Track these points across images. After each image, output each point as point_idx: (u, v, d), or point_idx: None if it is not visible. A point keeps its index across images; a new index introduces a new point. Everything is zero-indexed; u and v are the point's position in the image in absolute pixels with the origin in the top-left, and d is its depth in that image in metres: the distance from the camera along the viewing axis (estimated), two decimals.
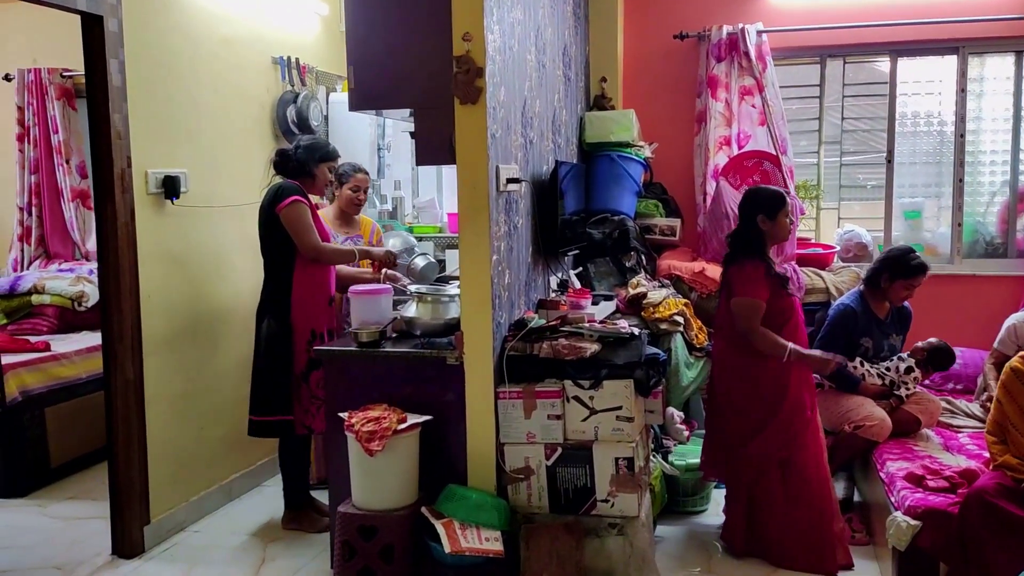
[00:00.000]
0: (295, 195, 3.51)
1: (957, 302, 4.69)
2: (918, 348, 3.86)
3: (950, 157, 4.90)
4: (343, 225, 4.15)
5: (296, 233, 3.50)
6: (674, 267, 4.58)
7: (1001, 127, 4.79)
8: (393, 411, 3.06)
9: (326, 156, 3.72)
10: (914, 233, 5.03)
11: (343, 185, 4.10)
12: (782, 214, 3.39)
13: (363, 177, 4.12)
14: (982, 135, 4.83)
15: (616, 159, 4.65)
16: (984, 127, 4.83)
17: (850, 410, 3.69)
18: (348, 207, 4.13)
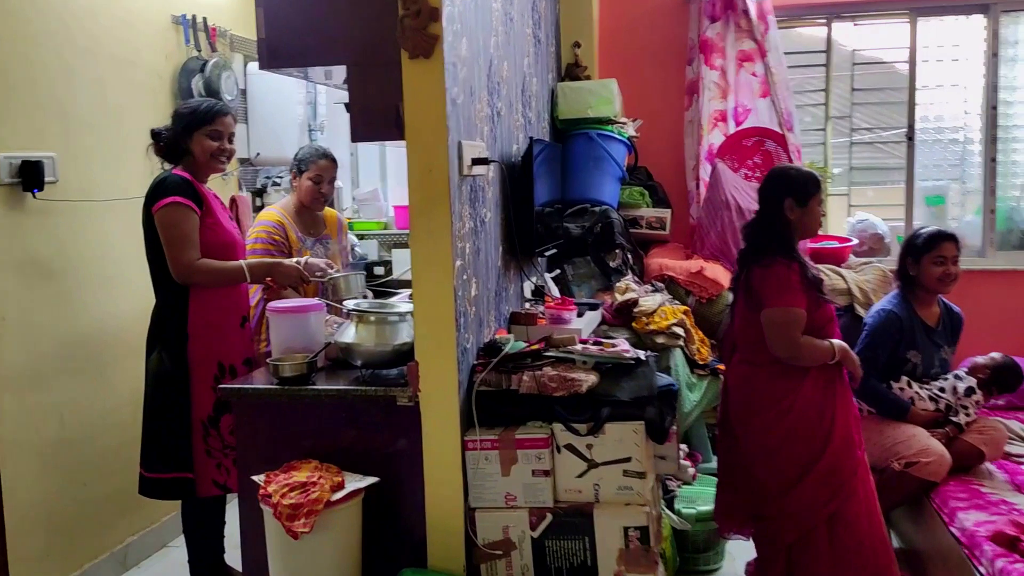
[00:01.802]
0: (174, 195, 2.76)
1: (991, 301, 4.14)
2: (979, 365, 3.28)
3: (978, 133, 4.34)
4: (305, 224, 3.40)
5: (166, 244, 2.76)
6: (666, 267, 3.94)
7: None
8: (326, 472, 2.35)
9: (197, 121, 2.87)
10: (937, 222, 4.45)
11: (302, 174, 3.36)
12: (815, 200, 2.79)
13: (326, 164, 3.37)
14: (1016, 107, 4.28)
15: (595, 139, 3.99)
16: (1018, 97, 4.28)
17: (899, 442, 3.09)
18: (310, 201, 3.39)
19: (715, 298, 3.87)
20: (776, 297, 2.68)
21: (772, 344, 2.68)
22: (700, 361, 3.62)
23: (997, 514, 2.68)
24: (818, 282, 2.76)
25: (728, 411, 2.91)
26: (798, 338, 2.66)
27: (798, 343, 2.66)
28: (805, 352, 2.67)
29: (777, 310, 2.67)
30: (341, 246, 3.57)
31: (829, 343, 2.70)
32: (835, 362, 2.69)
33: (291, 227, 3.34)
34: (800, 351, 2.66)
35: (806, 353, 2.67)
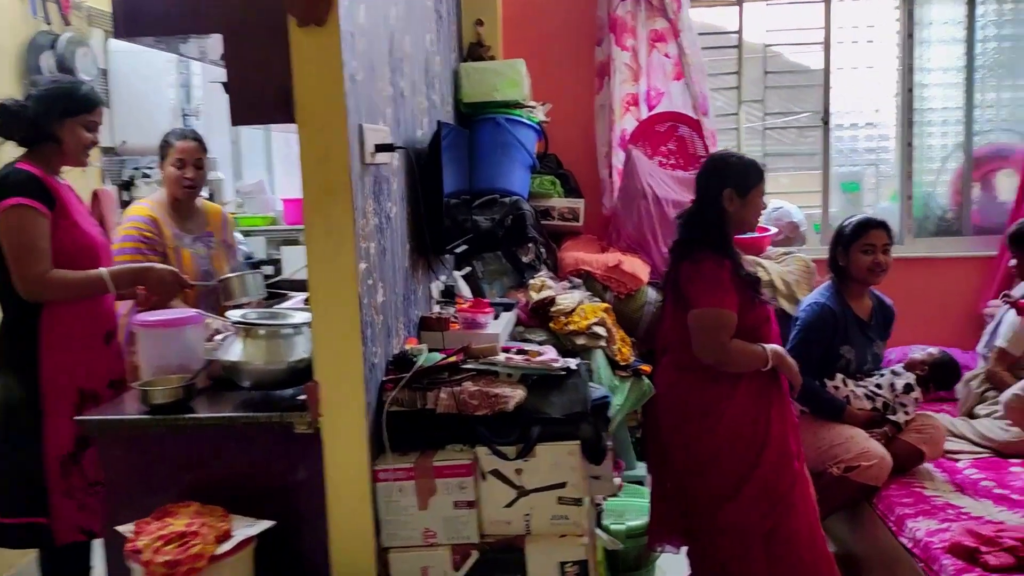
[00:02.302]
0: (17, 195, 2.33)
1: (910, 290, 4.07)
2: (916, 360, 3.18)
3: (894, 117, 4.29)
4: (181, 219, 2.98)
5: (9, 255, 2.35)
6: (582, 261, 3.71)
7: (952, 80, 4.21)
8: (209, 518, 1.99)
9: (74, 107, 2.48)
10: (853, 208, 4.41)
11: (164, 160, 2.94)
12: (757, 192, 2.60)
13: (188, 145, 2.94)
14: (931, 89, 4.25)
15: (503, 124, 3.71)
16: (933, 80, 4.24)
17: (836, 445, 2.95)
18: (177, 190, 2.97)
19: (634, 293, 3.67)
20: (704, 296, 2.47)
21: (698, 348, 2.48)
22: (622, 362, 3.40)
23: (947, 520, 2.57)
24: (753, 281, 2.57)
25: (657, 419, 2.70)
26: (727, 342, 2.46)
27: (727, 347, 2.46)
28: (735, 357, 2.48)
29: (705, 311, 2.47)
30: (227, 244, 3.19)
31: (762, 348, 2.52)
32: (769, 368, 2.51)
33: (165, 223, 2.93)
34: (729, 356, 2.47)
35: (736, 358, 2.48)
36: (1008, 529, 2.36)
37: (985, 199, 4.31)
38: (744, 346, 2.48)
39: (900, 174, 4.28)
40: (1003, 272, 3.98)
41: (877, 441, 2.94)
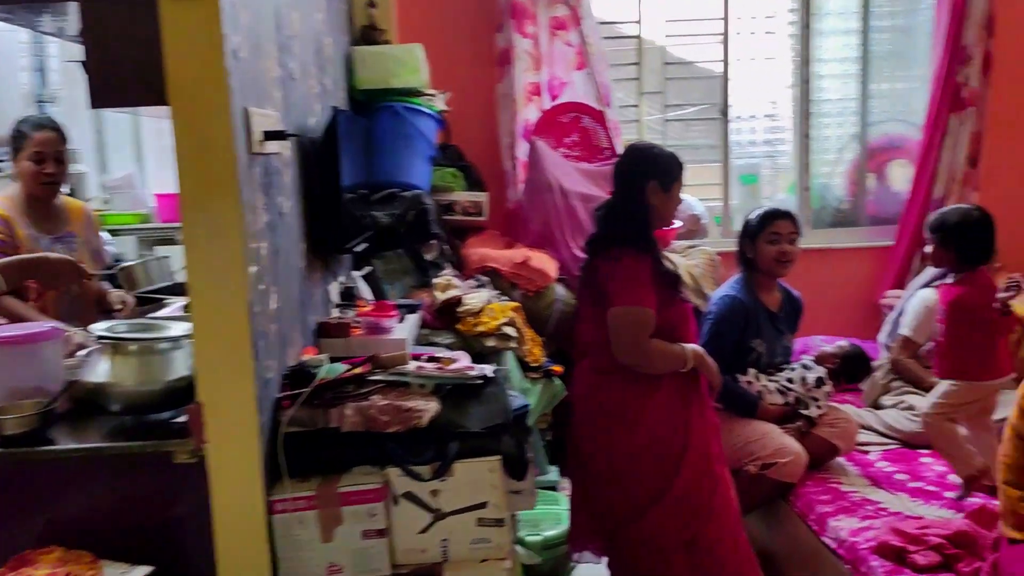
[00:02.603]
0: None
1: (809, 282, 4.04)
2: (827, 354, 3.14)
3: (790, 109, 4.29)
4: (38, 218, 2.62)
5: None
6: (488, 258, 3.53)
7: (848, 70, 4.24)
8: (76, 565, 1.71)
9: None
10: (752, 201, 4.40)
11: (19, 153, 2.59)
12: (677, 185, 2.49)
13: (47, 136, 2.61)
14: (826, 80, 4.26)
15: (402, 113, 3.47)
16: (829, 71, 4.25)
17: (751, 442, 2.88)
18: (35, 187, 2.60)
19: (542, 291, 3.52)
20: (623, 294, 2.33)
21: (617, 347, 2.34)
22: (532, 363, 3.23)
23: (868, 518, 2.51)
24: (673, 278, 2.44)
25: (575, 424, 2.55)
26: (646, 341, 2.33)
27: (646, 347, 2.33)
28: (654, 358, 2.35)
29: (624, 309, 2.33)
30: (92, 246, 2.84)
31: (681, 347, 2.40)
32: (689, 369, 2.39)
33: (19, 223, 2.58)
34: (648, 356, 2.34)
35: (656, 359, 2.35)
36: (931, 525, 2.32)
37: (880, 189, 4.37)
38: (664, 346, 2.36)
39: (798, 166, 4.28)
40: (900, 261, 4.03)
41: (791, 436, 2.88)
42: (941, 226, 2.68)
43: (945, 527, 2.28)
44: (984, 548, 2.19)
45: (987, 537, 2.23)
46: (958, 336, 2.65)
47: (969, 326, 2.62)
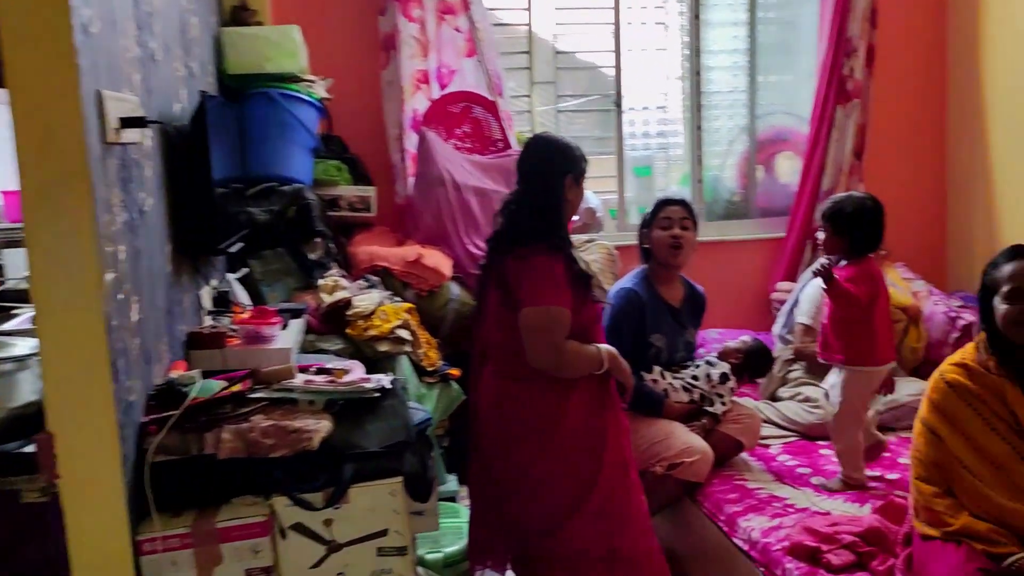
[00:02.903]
0: None
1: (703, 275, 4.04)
2: (731, 349, 3.10)
3: (682, 100, 4.27)
4: None
5: None
6: (377, 256, 3.34)
7: (736, 62, 4.24)
8: None
9: None
10: (647, 193, 4.35)
11: None
12: (583, 178, 2.37)
13: None
14: (715, 72, 4.26)
15: (279, 100, 3.23)
16: (718, 63, 4.25)
17: (657, 442, 2.80)
18: None
19: (436, 290, 3.35)
20: (537, 294, 2.20)
21: (531, 351, 2.21)
22: (428, 367, 3.08)
23: (777, 516, 2.48)
24: (586, 277, 2.32)
25: (480, 436, 2.40)
26: (562, 343, 2.21)
27: (562, 349, 2.21)
28: (571, 360, 2.24)
29: (537, 309, 2.20)
30: None
31: (596, 348, 2.30)
32: (603, 371, 2.29)
33: None
34: (565, 359, 2.22)
35: (572, 361, 2.24)
36: (842, 523, 2.30)
37: (768, 182, 4.41)
38: (580, 348, 2.25)
39: (690, 158, 4.27)
40: (791, 253, 4.07)
41: (696, 434, 2.83)
42: (837, 214, 2.67)
43: (856, 524, 2.26)
44: (895, 543, 2.18)
45: (896, 532, 2.22)
46: (847, 322, 2.65)
47: (859, 312, 2.63)
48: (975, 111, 4.03)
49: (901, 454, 2.99)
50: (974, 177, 4.08)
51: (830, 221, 2.68)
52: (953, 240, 4.27)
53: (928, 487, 1.98)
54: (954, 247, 4.27)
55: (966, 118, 4.10)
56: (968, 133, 4.10)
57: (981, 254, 4.05)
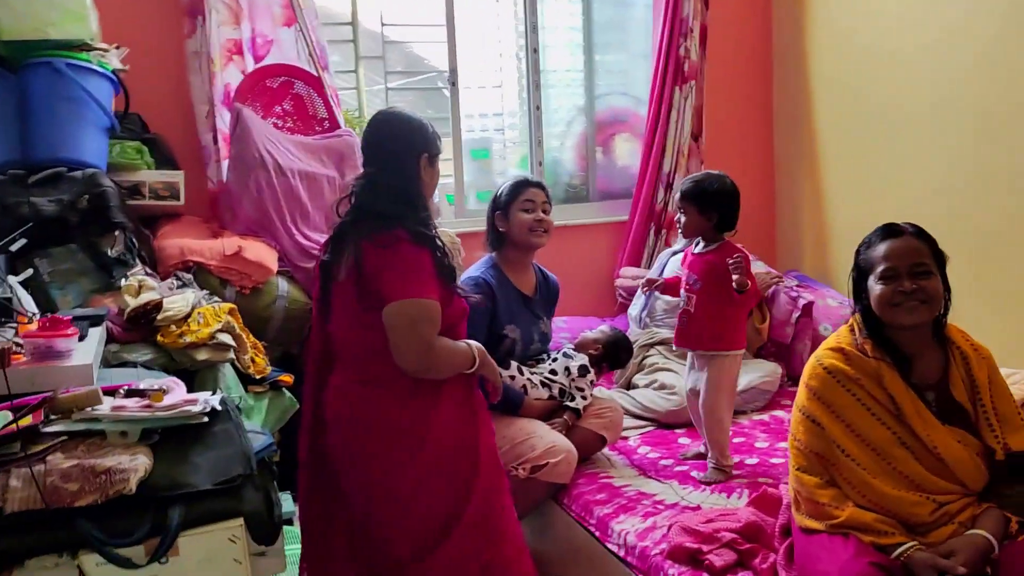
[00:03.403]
0: None
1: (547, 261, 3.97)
2: (589, 340, 2.98)
3: (519, 79, 4.13)
4: None
5: None
6: (190, 250, 2.97)
7: (574, 40, 4.15)
8: None
9: None
10: (485, 176, 4.19)
11: None
12: (438, 158, 2.20)
13: None
14: (551, 51, 4.15)
15: (65, 71, 2.78)
16: (555, 40, 4.14)
17: (519, 443, 2.65)
18: None
19: (261, 287, 3.03)
20: (403, 287, 1.97)
21: (398, 350, 1.96)
22: (256, 375, 2.76)
23: (649, 515, 2.39)
24: (451, 269, 2.11)
25: (326, 454, 2.14)
26: (434, 341, 1.99)
27: (433, 347, 1.99)
28: (443, 358, 2.03)
29: (405, 303, 1.96)
30: None
31: (467, 345, 2.10)
32: (474, 371, 2.10)
33: None
34: (437, 357, 2.01)
35: (444, 360, 2.04)
36: (717, 519, 2.22)
37: (607, 164, 4.37)
38: (451, 345, 2.04)
39: (530, 139, 4.14)
40: (634, 237, 4.04)
41: (559, 432, 2.70)
42: (703, 193, 2.62)
43: (733, 519, 2.19)
44: (772, 536, 2.14)
45: (772, 524, 2.18)
46: (715, 306, 2.62)
47: (725, 295, 2.60)
48: (800, 95, 4.16)
49: (756, 438, 3.01)
50: (800, 159, 4.22)
51: (696, 201, 2.62)
52: (782, 221, 4.41)
53: (810, 478, 1.93)
54: (783, 228, 4.40)
55: (791, 102, 4.23)
56: (794, 116, 4.23)
57: (809, 235, 4.21)
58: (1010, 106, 3.16)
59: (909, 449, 1.88)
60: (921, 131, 3.53)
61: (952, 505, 1.85)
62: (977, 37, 3.27)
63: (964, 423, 1.91)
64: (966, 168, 3.35)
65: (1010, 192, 3.18)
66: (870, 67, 3.75)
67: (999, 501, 1.84)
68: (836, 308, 3.62)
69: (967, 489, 1.88)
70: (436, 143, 2.17)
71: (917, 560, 1.74)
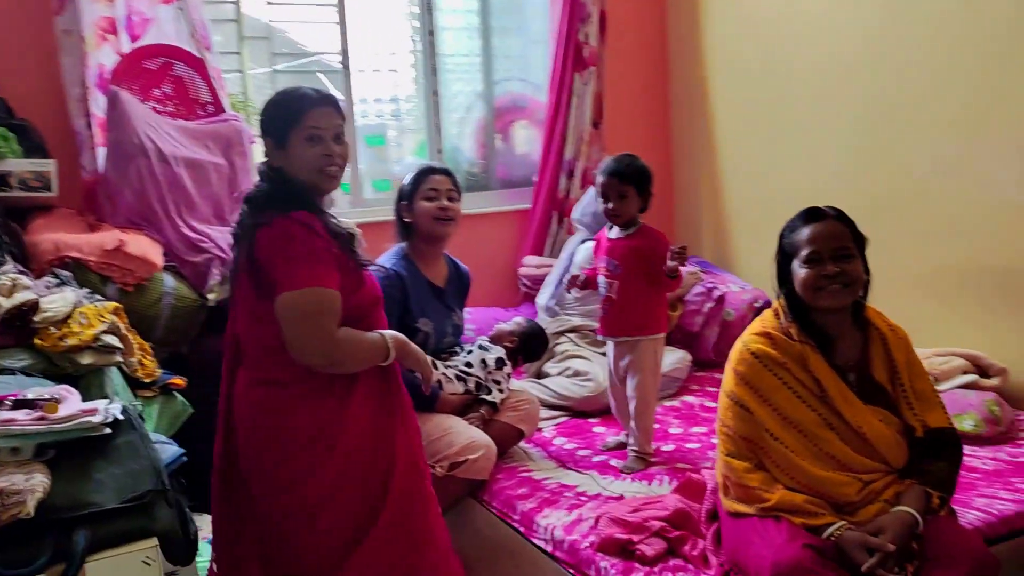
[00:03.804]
0: None
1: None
2: (504, 332, 2.92)
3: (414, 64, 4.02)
4: None
5: None
6: (66, 245, 2.75)
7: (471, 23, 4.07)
8: None
9: None
10: (381, 165, 4.08)
11: None
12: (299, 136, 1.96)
13: None
14: (451, 33, 4.06)
15: None
16: (451, 23, 4.05)
17: (436, 439, 2.57)
18: None
19: (146, 283, 2.84)
20: (295, 275, 1.84)
21: (295, 345, 1.85)
22: (145, 378, 2.57)
23: (574, 507, 2.36)
24: (350, 247, 1.99)
25: (235, 458, 2.01)
26: (334, 331, 1.87)
27: (334, 339, 1.87)
28: (348, 352, 1.90)
29: (299, 293, 1.84)
30: None
31: (380, 335, 1.98)
32: (389, 363, 1.99)
33: None
34: (339, 351, 1.88)
35: (350, 353, 1.91)
36: (644, 508, 2.21)
37: (506, 151, 4.32)
38: (357, 336, 1.91)
39: (428, 126, 4.04)
40: (538, 225, 4.01)
41: (476, 427, 2.64)
42: (641, 173, 2.63)
43: (661, 507, 2.19)
44: (699, 522, 2.14)
45: (698, 510, 2.18)
46: (638, 291, 2.63)
47: (648, 279, 2.60)
48: (697, 80, 4.22)
49: (670, 424, 3.03)
50: (698, 145, 4.28)
51: (635, 181, 2.62)
52: (680, 208, 4.47)
53: (740, 463, 1.94)
54: (681, 215, 4.46)
55: (689, 87, 4.29)
56: (691, 102, 4.28)
57: (708, 221, 4.29)
58: (898, 91, 3.29)
59: (835, 430, 1.92)
60: (814, 116, 3.64)
61: (877, 483, 1.90)
62: (866, 22, 3.38)
63: (884, 402, 1.96)
64: (858, 151, 3.46)
65: (899, 174, 3.31)
66: (766, 52, 3.84)
67: (920, 478, 1.90)
68: (738, 293, 3.69)
69: (890, 467, 1.93)
70: (300, 117, 1.92)
71: (848, 539, 1.77)
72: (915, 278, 3.27)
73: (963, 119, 3.08)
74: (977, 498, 2.23)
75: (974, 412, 2.67)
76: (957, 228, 3.14)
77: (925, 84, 3.19)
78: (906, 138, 3.29)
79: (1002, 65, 2.93)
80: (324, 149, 1.94)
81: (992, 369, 2.90)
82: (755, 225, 4.00)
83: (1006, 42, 2.91)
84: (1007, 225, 2.97)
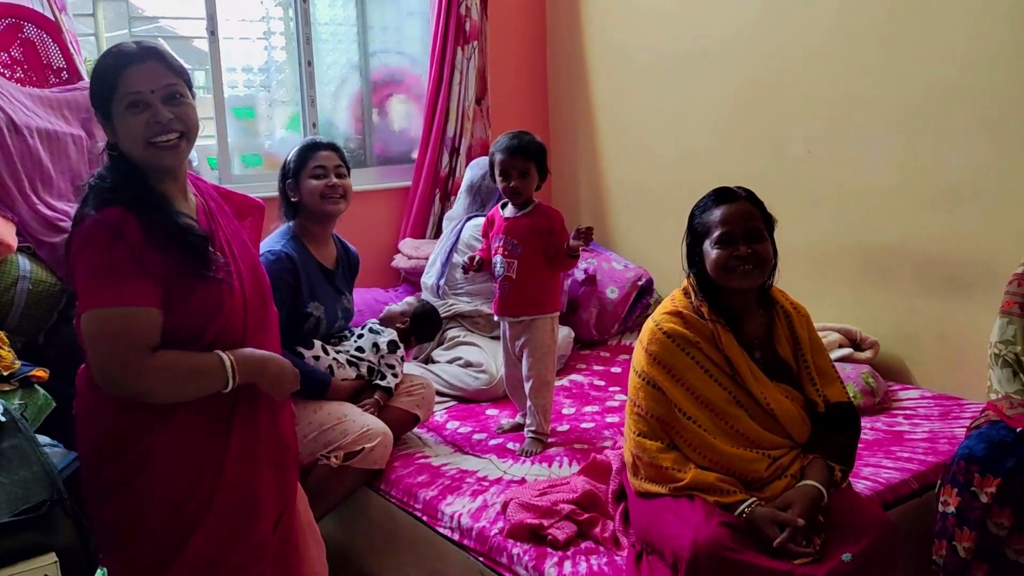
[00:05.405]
0: None
1: None
2: (395, 313, 2.84)
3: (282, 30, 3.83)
4: None
5: None
6: None
7: None
8: None
9: None
10: (249, 139, 3.87)
11: None
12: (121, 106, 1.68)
13: None
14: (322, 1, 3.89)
15: None
16: None
17: (328, 428, 2.48)
18: None
19: None
20: (94, 289, 1.59)
21: (94, 368, 1.61)
22: (3, 371, 2.34)
23: (478, 493, 2.33)
24: (193, 248, 1.66)
25: None
26: (138, 356, 1.58)
27: (141, 365, 1.58)
28: (158, 380, 1.60)
29: (96, 312, 1.58)
30: None
31: (219, 357, 1.66)
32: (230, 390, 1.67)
33: None
34: (144, 379, 1.59)
35: (161, 382, 1.61)
36: (552, 491, 2.20)
37: (383, 127, 4.19)
38: (178, 362, 1.63)
39: (301, 98, 3.86)
40: (419, 204, 3.92)
41: (371, 414, 2.56)
42: (540, 150, 2.64)
43: (569, 490, 2.19)
44: (607, 503, 2.16)
45: (605, 491, 2.20)
46: (537, 270, 2.63)
47: (545, 257, 2.61)
48: (575, 56, 4.22)
49: (562, 404, 3.05)
50: (576, 122, 4.29)
51: (538, 159, 2.61)
52: (560, 186, 4.48)
53: (652, 443, 1.96)
54: (560, 193, 4.48)
55: (566, 63, 4.29)
56: (569, 78, 4.29)
57: (587, 199, 4.32)
58: (774, 73, 3.40)
59: (743, 407, 1.96)
60: (692, 94, 3.72)
61: (783, 459, 1.96)
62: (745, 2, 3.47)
63: (788, 379, 2.03)
64: (734, 130, 3.57)
65: (774, 154, 3.43)
66: (644, 29, 3.88)
67: (822, 451, 1.97)
68: (621, 271, 3.74)
69: (794, 442, 2.00)
70: (116, 82, 1.64)
71: (759, 515, 1.82)
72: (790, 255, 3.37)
73: (835, 102, 3.23)
74: (863, 467, 2.35)
75: (852, 384, 2.81)
76: (829, 207, 3.30)
77: (800, 67, 3.32)
78: (781, 119, 3.41)
79: (875, 51, 3.08)
80: (150, 116, 1.64)
81: (865, 343, 3.08)
82: (634, 203, 4.07)
83: (880, 28, 3.06)
84: (877, 205, 3.14)
